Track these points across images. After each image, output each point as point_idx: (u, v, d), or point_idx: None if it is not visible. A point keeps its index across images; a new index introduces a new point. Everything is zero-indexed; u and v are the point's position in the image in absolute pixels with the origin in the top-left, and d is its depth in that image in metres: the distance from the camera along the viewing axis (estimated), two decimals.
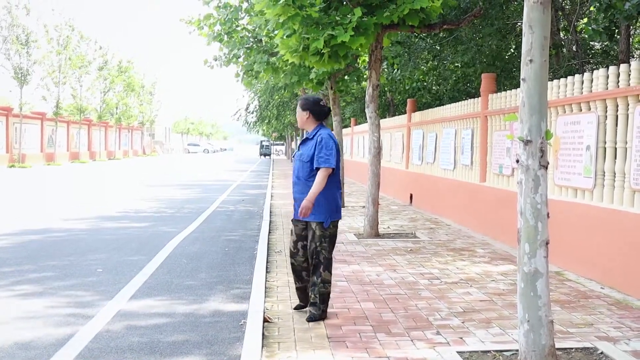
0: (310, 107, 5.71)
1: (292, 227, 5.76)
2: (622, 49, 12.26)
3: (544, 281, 4.07)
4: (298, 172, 5.65)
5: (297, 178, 5.64)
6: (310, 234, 5.56)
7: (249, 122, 45.45)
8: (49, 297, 6.51)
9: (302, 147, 5.70)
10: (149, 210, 14.75)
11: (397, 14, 9.34)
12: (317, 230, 5.52)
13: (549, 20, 4.10)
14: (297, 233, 5.70)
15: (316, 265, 5.55)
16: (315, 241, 5.53)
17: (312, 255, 5.57)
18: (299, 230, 5.69)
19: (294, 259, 5.75)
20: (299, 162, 5.65)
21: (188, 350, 4.88)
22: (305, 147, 5.64)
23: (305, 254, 5.67)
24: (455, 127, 12.99)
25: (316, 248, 5.54)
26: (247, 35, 14.43)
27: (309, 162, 5.56)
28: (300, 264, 5.72)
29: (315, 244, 5.54)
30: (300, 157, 5.64)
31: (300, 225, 5.68)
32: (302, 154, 5.62)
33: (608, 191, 7.29)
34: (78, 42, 45.54)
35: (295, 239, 5.72)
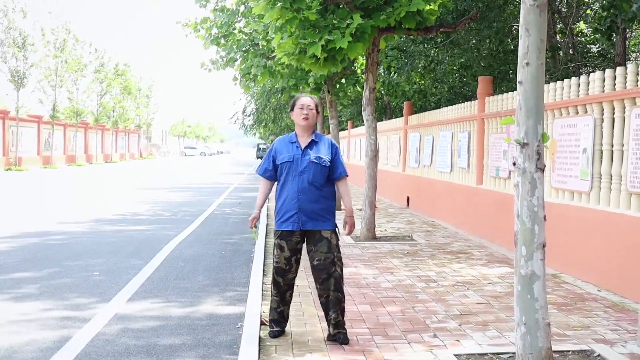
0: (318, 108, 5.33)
1: (281, 242, 5.10)
2: (619, 51, 12.30)
3: (541, 284, 4.07)
4: (314, 176, 5.06)
5: (311, 184, 5.06)
6: (325, 245, 5.01)
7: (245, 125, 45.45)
8: (46, 300, 6.50)
9: (311, 150, 5.12)
10: (145, 213, 14.73)
11: (393, 16, 9.36)
12: (332, 238, 5.06)
13: (546, 23, 4.10)
14: (292, 247, 5.08)
15: (337, 280, 5.02)
16: (332, 251, 5.02)
17: (327, 269, 5.00)
18: (294, 244, 5.08)
19: (285, 277, 5.13)
20: (314, 166, 5.07)
21: (185, 354, 4.87)
22: (319, 151, 5.12)
23: (297, 269, 5.17)
24: (452, 129, 13.00)
25: (334, 259, 5.01)
26: (243, 39, 14.45)
27: (328, 167, 5.11)
28: (290, 282, 5.18)
29: (333, 255, 5.01)
30: (319, 160, 5.08)
31: (296, 239, 5.08)
32: (321, 158, 5.09)
33: (604, 194, 7.30)
34: (74, 45, 45.49)
35: (288, 255, 5.08)
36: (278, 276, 5.14)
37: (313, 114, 5.17)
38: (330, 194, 5.16)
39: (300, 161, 5.10)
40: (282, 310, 5.27)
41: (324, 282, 5.02)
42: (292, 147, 5.18)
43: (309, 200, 5.05)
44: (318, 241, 5.04)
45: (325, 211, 5.08)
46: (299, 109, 5.17)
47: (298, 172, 5.09)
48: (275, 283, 5.19)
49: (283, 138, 5.30)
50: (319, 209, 5.06)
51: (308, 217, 5.03)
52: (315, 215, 5.05)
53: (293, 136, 5.23)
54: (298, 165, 5.10)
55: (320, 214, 5.06)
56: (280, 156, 5.17)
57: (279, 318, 5.26)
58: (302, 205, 5.04)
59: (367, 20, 9.36)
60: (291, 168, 5.12)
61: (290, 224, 5.06)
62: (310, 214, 5.04)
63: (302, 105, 5.17)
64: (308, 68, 10.34)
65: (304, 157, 5.10)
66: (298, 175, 5.09)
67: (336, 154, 5.18)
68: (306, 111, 5.14)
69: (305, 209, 5.04)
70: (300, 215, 5.04)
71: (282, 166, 5.15)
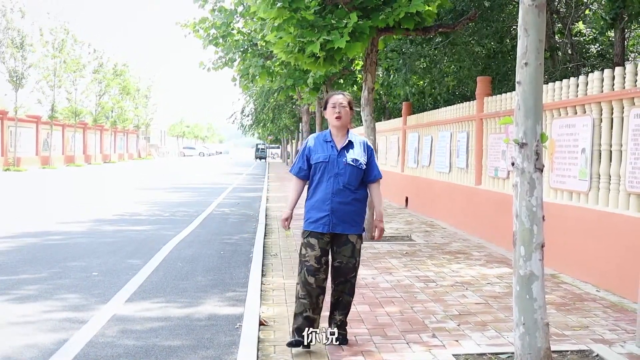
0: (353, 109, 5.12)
1: (311, 240, 4.88)
2: (617, 52, 12.30)
3: (540, 284, 4.07)
4: (350, 179, 4.89)
5: (345, 186, 4.88)
6: (349, 249, 4.89)
7: (244, 125, 45.49)
8: (44, 300, 6.49)
9: (346, 151, 4.94)
10: (144, 214, 14.72)
11: (392, 17, 9.36)
12: (357, 243, 4.94)
13: (544, 23, 4.10)
14: (322, 247, 4.87)
15: (353, 285, 4.99)
16: (355, 256, 4.92)
17: (346, 273, 4.92)
18: (324, 243, 4.88)
19: (317, 276, 4.84)
20: (350, 168, 4.89)
21: (184, 354, 4.87)
22: (355, 152, 4.94)
23: (327, 271, 4.92)
24: (450, 130, 13.00)
25: (355, 264, 4.94)
26: (242, 39, 14.45)
27: (363, 170, 4.94)
28: (321, 284, 4.87)
29: (355, 260, 4.93)
30: (355, 162, 4.90)
31: (326, 239, 4.88)
32: (357, 160, 4.91)
33: (603, 194, 7.30)
34: (72, 45, 45.48)
35: (319, 254, 4.85)
36: (309, 275, 4.83)
37: (346, 111, 4.96)
38: (363, 197, 5.01)
39: (337, 162, 4.90)
40: (312, 317, 4.85)
41: (340, 285, 4.95)
42: (328, 146, 4.96)
43: (343, 203, 4.88)
44: (343, 244, 4.91)
45: (356, 215, 4.94)
46: (331, 107, 4.97)
47: (334, 173, 4.90)
48: (306, 284, 4.84)
49: (317, 136, 5.09)
50: (351, 212, 4.90)
51: (339, 219, 4.87)
52: (347, 218, 4.89)
53: (328, 135, 5.02)
54: (334, 167, 4.90)
55: (352, 217, 4.91)
56: (315, 155, 4.96)
57: (305, 325, 4.81)
58: (335, 208, 4.87)
59: (365, 21, 9.36)
60: (326, 169, 4.91)
61: (321, 225, 4.86)
62: (341, 216, 4.87)
63: (335, 103, 4.96)
64: (307, 67, 10.34)
65: (340, 158, 4.91)
66: (333, 176, 4.89)
67: (371, 156, 5.03)
68: (338, 109, 4.93)
69: (338, 212, 4.87)
70: (331, 217, 4.86)
71: (317, 166, 4.94)
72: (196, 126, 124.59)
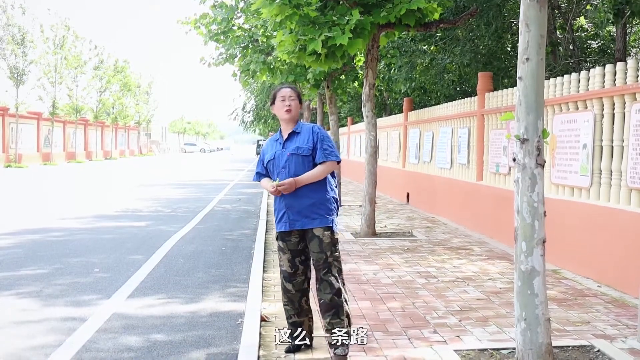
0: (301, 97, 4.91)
1: (280, 244, 4.72)
2: (619, 47, 12.28)
3: (541, 279, 4.07)
4: (296, 169, 4.61)
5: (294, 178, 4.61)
6: (316, 244, 4.58)
7: (245, 121, 45.47)
8: (46, 296, 6.50)
9: (289, 143, 4.70)
10: (145, 210, 14.73)
11: (394, 13, 9.35)
12: (325, 237, 4.58)
13: (546, 18, 4.10)
14: (292, 248, 4.67)
15: (332, 283, 4.54)
16: (325, 251, 4.56)
17: (323, 270, 4.57)
18: (293, 244, 4.67)
19: (293, 280, 4.69)
20: (294, 158, 4.64)
21: (185, 350, 4.88)
22: (298, 141, 4.68)
23: (305, 271, 4.73)
24: (451, 126, 12.99)
25: (327, 259, 4.56)
26: (243, 35, 14.43)
27: (310, 155, 4.63)
28: (300, 287, 4.70)
29: (325, 255, 4.56)
30: (297, 151, 4.64)
31: (294, 239, 4.67)
32: (300, 148, 4.64)
33: (604, 189, 7.30)
34: (73, 42, 45.48)
35: (290, 256, 4.67)
36: (286, 282, 4.70)
37: (295, 104, 4.74)
38: (319, 187, 4.65)
39: (281, 156, 4.69)
40: (298, 322, 4.76)
41: (318, 284, 4.60)
42: (276, 144, 4.79)
43: (295, 197, 4.60)
44: (310, 240, 4.62)
45: (315, 207, 4.60)
46: (280, 101, 4.75)
47: (280, 167, 4.68)
48: (285, 291, 4.73)
49: (271, 138, 4.93)
50: (307, 205, 4.60)
51: (297, 215, 4.61)
52: (305, 212, 4.60)
53: (278, 134, 4.83)
54: (280, 161, 4.69)
55: (310, 209, 4.60)
56: (266, 156, 4.80)
57: (293, 329, 4.72)
58: (288, 203, 4.63)
59: (366, 17, 9.35)
60: (274, 166, 4.73)
61: (283, 224, 4.67)
62: (298, 211, 4.61)
63: (283, 96, 4.73)
64: (309, 65, 10.33)
65: (285, 151, 4.69)
66: (280, 171, 4.67)
67: (321, 140, 4.66)
68: (288, 102, 4.70)
69: (292, 207, 4.62)
70: (288, 214, 4.64)
71: (268, 165, 4.78)
72: (197, 122, 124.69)
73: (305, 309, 4.76)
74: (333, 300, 4.53)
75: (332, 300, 4.53)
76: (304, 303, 4.74)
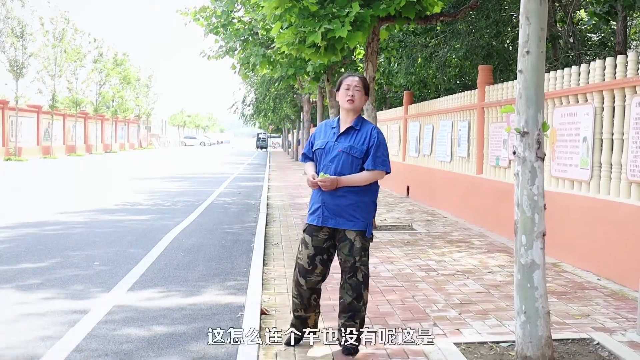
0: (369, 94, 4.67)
1: (305, 237, 4.57)
2: (619, 40, 12.25)
3: (541, 272, 4.07)
4: (342, 167, 4.46)
5: (337, 175, 4.47)
6: (347, 246, 4.45)
7: (245, 115, 45.44)
8: (46, 290, 6.50)
9: (344, 139, 4.53)
10: (145, 203, 14.73)
11: (393, 6, 9.33)
12: (356, 241, 4.44)
13: (546, 11, 4.09)
14: (316, 245, 4.51)
15: (356, 287, 4.46)
16: (354, 255, 4.44)
17: (349, 273, 4.47)
18: (320, 241, 4.51)
19: (307, 277, 4.53)
20: (344, 156, 4.48)
21: (185, 343, 4.89)
22: (354, 139, 4.50)
23: (324, 271, 4.58)
24: (452, 119, 12.98)
25: (354, 264, 4.44)
26: (242, 28, 14.42)
27: (361, 158, 4.46)
28: (314, 285, 4.57)
29: (354, 259, 4.43)
30: (349, 150, 4.48)
31: (323, 235, 4.52)
32: (353, 148, 4.47)
33: (605, 183, 7.30)
34: (73, 34, 45.42)
35: (312, 253, 4.52)
36: (300, 276, 4.56)
37: (360, 95, 4.54)
38: (362, 189, 4.50)
39: (332, 149, 4.53)
40: (303, 316, 4.67)
41: (342, 283, 4.53)
42: (330, 132, 4.62)
43: (334, 195, 4.47)
44: (341, 240, 4.49)
45: (352, 208, 4.45)
46: (344, 89, 4.55)
47: (327, 161, 4.53)
48: (297, 284, 4.59)
49: (326, 122, 4.75)
50: (344, 205, 4.45)
51: (331, 213, 4.48)
52: (340, 211, 4.46)
53: (335, 120, 4.66)
54: (329, 154, 4.54)
55: (347, 211, 4.46)
56: (317, 142, 4.64)
57: (298, 324, 4.69)
58: (326, 199, 4.49)
59: (366, 10, 9.33)
60: (322, 156, 4.58)
61: (315, 217, 4.53)
62: (333, 209, 4.47)
63: (348, 85, 4.54)
64: (308, 57, 10.32)
65: (337, 144, 4.53)
66: (327, 164, 4.53)
67: (376, 146, 4.48)
68: (352, 92, 4.51)
69: (329, 204, 4.48)
70: (323, 209, 4.49)
71: (316, 153, 4.63)
72: (197, 116, 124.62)
73: (313, 305, 4.66)
74: (352, 304, 4.48)
75: (351, 303, 4.48)
76: (312, 300, 4.63)
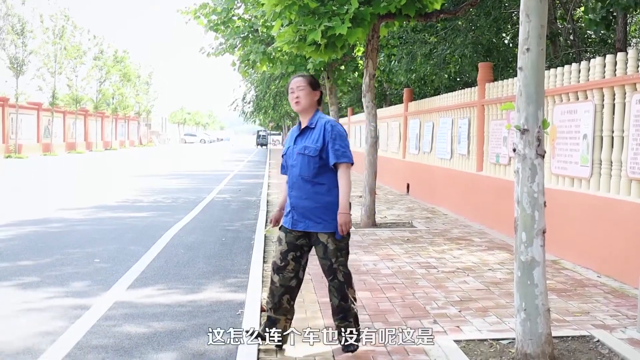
0: (319, 88, 4.56)
1: (280, 234, 4.53)
2: (619, 37, 12.24)
3: (541, 270, 4.08)
4: (301, 170, 4.39)
5: (300, 178, 4.40)
6: (321, 250, 4.41)
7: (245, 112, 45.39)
8: (46, 287, 6.51)
9: (300, 139, 4.48)
10: (145, 200, 14.74)
11: (394, 3, 9.32)
12: (329, 243, 4.38)
13: (546, 8, 4.09)
14: (289, 241, 4.46)
15: (339, 288, 4.43)
16: (329, 257, 4.39)
17: (329, 276, 4.45)
18: (293, 238, 4.46)
19: (280, 274, 4.45)
20: (301, 158, 4.40)
21: (186, 340, 4.89)
22: (308, 139, 4.42)
23: (297, 269, 4.48)
24: (452, 116, 12.98)
25: (332, 266, 4.40)
26: (242, 25, 14.39)
27: (318, 156, 4.36)
28: (286, 283, 4.46)
29: (330, 261, 4.40)
30: (303, 150, 4.40)
31: (296, 233, 4.46)
32: (307, 147, 4.39)
33: (605, 180, 7.30)
34: (72, 31, 45.39)
35: (285, 249, 4.46)
36: (273, 273, 4.51)
37: (305, 94, 4.45)
38: (326, 190, 4.39)
39: (292, 153, 4.48)
40: (273, 317, 4.53)
41: (328, 288, 4.52)
42: (292, 137, 4.57)
43: (299, 197, 4.41)
44: (316, 244, 4.44)
45: (320, 211, 4.37)
46: (290, 93, 4.48)
47: (290, 165, 4.50)
48: (271, 282, 4.54)
49: (293, 128, 4.66)
50: (311, 207, 4.38)
51: (300, 216, 4.41)
52: (309, 214, 4.39)
53: (298, 125, 4.60)
54: (290, 158, 4.50)
55: (315, 213, 4.37)
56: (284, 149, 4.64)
57: (267, 324, 4.56)
58: (294, 203, 4.44)
59: (366, 7, 9.32)
60: (287, 162, 4.55)
61: (287, 220, 4.50)
62: (302, 212, 4.40)
63: (292, 88, 4.47)
64: (308, 55, 10.30)
65: (295, 147, 4.48)
66: (291, 169, 4.48)
67: (332, 138, 4.37)
68: (297, 94, 4.44)
69: (297, 207, 4.42)
70: (293, 213, 4.44)
71: (285, 158, 4.60)
72: (197, 113, 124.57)
73: (284, 308, 4.52)
74: (340, 305, 4.48)
75: (339, 305, 4.48)
76: (284, 301, 4.50)
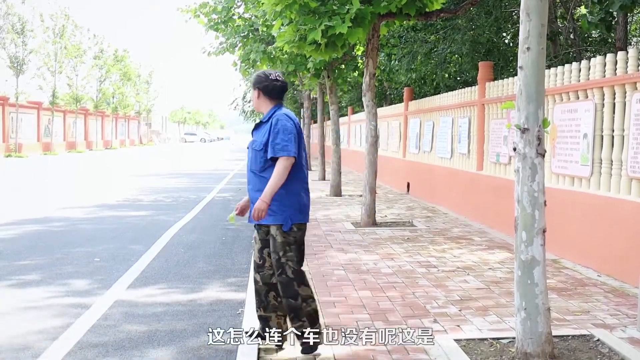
0: (259, 84, 4.48)
1: (255, 233, 4.60)
2: (620, 36, 12.24)
3: (541, 269, 4.08)
4: (251, 164, 4.46)
5: (251, 172, 4.48)
6: (271, 241, 4.39)
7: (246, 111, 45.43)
8: (47, 286, 6.51)
9: (255, 133, 4.53)
10: (145, 200, 14.74)
11: (394, 3, 9.31)
12: (277, 236, 4.35)
13: (547, 7, 4.09)
14: (261, 238, 4.50)
15: (287, 285, 4.35)
16: (277, 251, 4.35)
17: (277, 271, 4.37)
18: (263, 234, 4.50)
19: (260, 272, 4.50)
20: (251, 152, 4.48)
21: (186, 338, 4.90)
22: (259, 133, 4.46)
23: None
24: (452, 115, 12.97)
25: (279, 260, 4.34)
26: (243, 24, 14.41)
27: (262, 150, 4.35)
28: (268, 280, 4.49)
29: (278, 255, 4.35)
30: (252, 144, 4.47)
31: (264, 229, 4.48)
32: (255, 142, 4.45)
33: (605, 179, 7.29)
34: (73, 31, 45.41)
35: (259, 246, 4.51)
36: (254, 272, 4.57)
37: (254, 97, 4.55)
38: None
39: (250, 148, 4.55)
40: (264, 316, 4.55)
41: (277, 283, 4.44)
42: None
43: (253, 190, 4.46)
44: (270, 237, 4.43)
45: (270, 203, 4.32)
46: None
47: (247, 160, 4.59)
48: (254, 280, 4.60)
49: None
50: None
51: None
52: None
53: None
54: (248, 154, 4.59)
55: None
56: None
57: (262, 324, 4.57)
58: (251, 196, 4.50)
59: (367, 6, 9.31)
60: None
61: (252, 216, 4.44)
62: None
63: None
64: (309, 54, 10.30)
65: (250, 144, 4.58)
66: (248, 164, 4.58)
67: (274, 132, 4.32)
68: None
69: (253, 200, 4.41)
70: (251, 206, 4.39)
71: None
72: (197, 112, 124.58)
73: (272, 305, 4.52)
74: (289, 303, 4.38)
75: (288, 303, 4.39)
76: (271, 298, 4.52)
